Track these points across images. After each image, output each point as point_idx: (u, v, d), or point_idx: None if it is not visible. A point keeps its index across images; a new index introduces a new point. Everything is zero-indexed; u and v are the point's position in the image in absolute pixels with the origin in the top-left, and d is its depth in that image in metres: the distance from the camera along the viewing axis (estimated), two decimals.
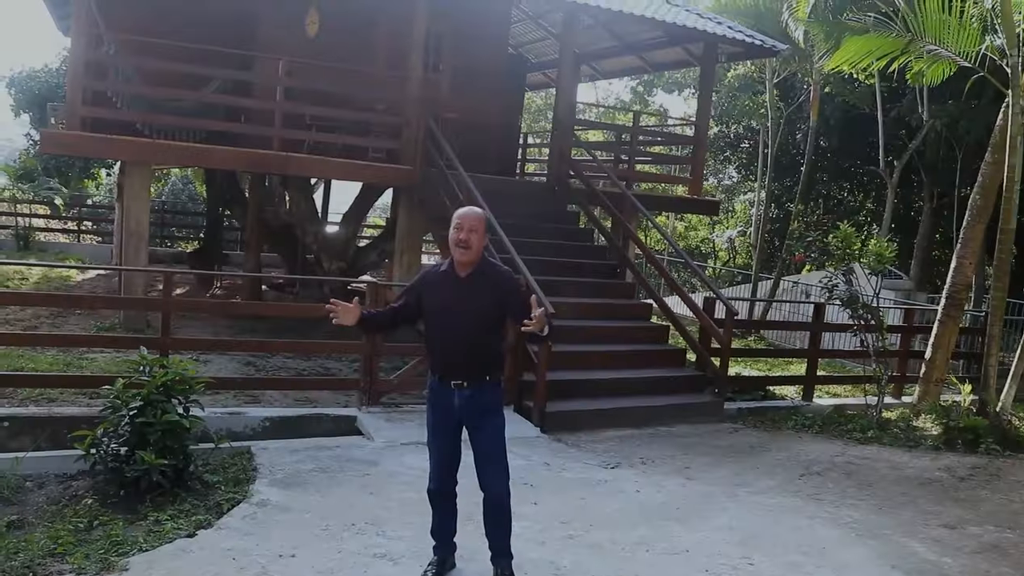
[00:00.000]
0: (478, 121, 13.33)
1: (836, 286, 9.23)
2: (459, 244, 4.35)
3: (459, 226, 4.37)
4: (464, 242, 4.34)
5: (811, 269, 18.34)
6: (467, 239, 4.34)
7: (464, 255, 4.36)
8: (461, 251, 4.35)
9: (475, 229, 4.37)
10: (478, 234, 4.39)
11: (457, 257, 4.39)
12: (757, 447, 8.10)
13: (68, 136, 9.89)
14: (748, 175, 29.22)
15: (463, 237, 4.34)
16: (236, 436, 7.20)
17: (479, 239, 4.40)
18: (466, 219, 4.39)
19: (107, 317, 11.25)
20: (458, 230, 4.37)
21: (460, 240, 4.35)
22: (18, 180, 20.43)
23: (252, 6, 12.38)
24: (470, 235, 4.35)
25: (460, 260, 4.39)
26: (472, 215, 4.43)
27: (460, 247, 4.35)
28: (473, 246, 4.36)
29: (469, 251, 4.35)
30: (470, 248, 4.35)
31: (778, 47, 13.46)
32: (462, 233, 4.35)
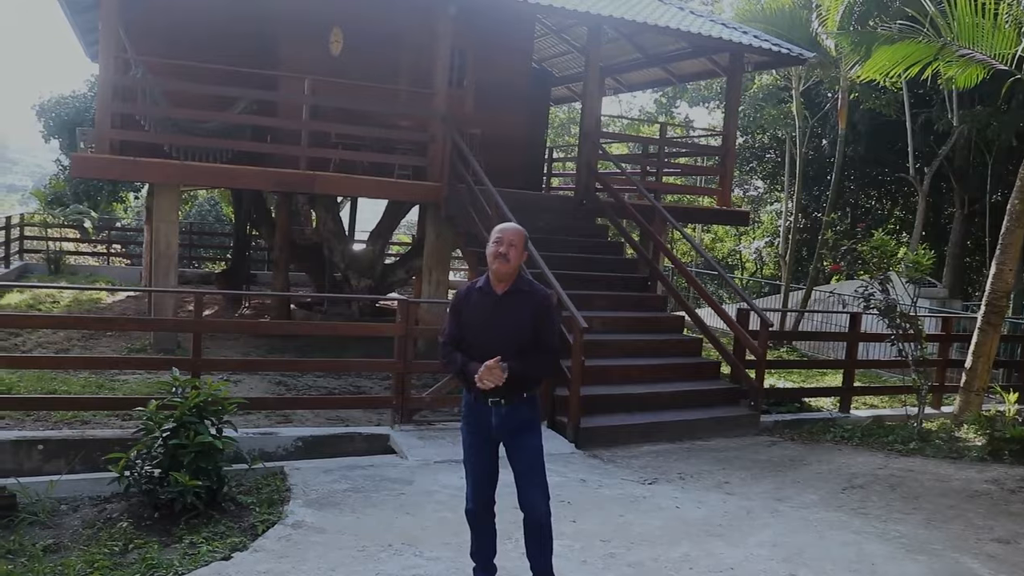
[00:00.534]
0: (503, 136, 13.32)
1: (872, 295, 9.05)
2: (497, 256, 4.31)
3: (499, 239, 4.34)
4: (503, 255, 4.30)
5: (839, 279, 18.13)
6: (506, 252, 4.30)
7: (502, 266, 4.31)
8: (499, 263, 4.31)
9: (514, 243, 4.34)
10: (517, 249, 4.35)
11: (494, 268, 4.34)
12: (796, 460, 7.93)
13: (98, 159, 9.95)
14: (774, 185, 29.02)
15: (502, 250, 4.31)
16: (269, 456, 7.19)
17: (517, 254, 4.36)
18: (506, 233, 4.37)
19: (138, 338, 11.29)
20: (497, 243, 4.34)
21: (499, 253, 4.31)
22: (48, 205, 20.65)
23: (275, 27, 12.44)
24: (509, 249, 4.31)
25: (497, 271, 4.34)
26: (512, 229, 4.40)
27: (498, 260, 4.31)
28: (511, 259, 4.32)
29: (507, 264, 4.31)
30: (509, 261, 4.31)
31: (805, 55, 13.32)
32: (501, 246, 4.32)
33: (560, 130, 31.64)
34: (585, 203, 12.12)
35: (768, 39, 13.33)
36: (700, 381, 9.59)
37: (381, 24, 12.60)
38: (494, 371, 4.18)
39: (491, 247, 4.36)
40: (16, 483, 5.84)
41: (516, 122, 13.93)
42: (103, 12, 10.06)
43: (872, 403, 11.23)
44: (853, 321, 10.23)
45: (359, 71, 11.99)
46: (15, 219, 19.92)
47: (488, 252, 4.37)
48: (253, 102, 11.49)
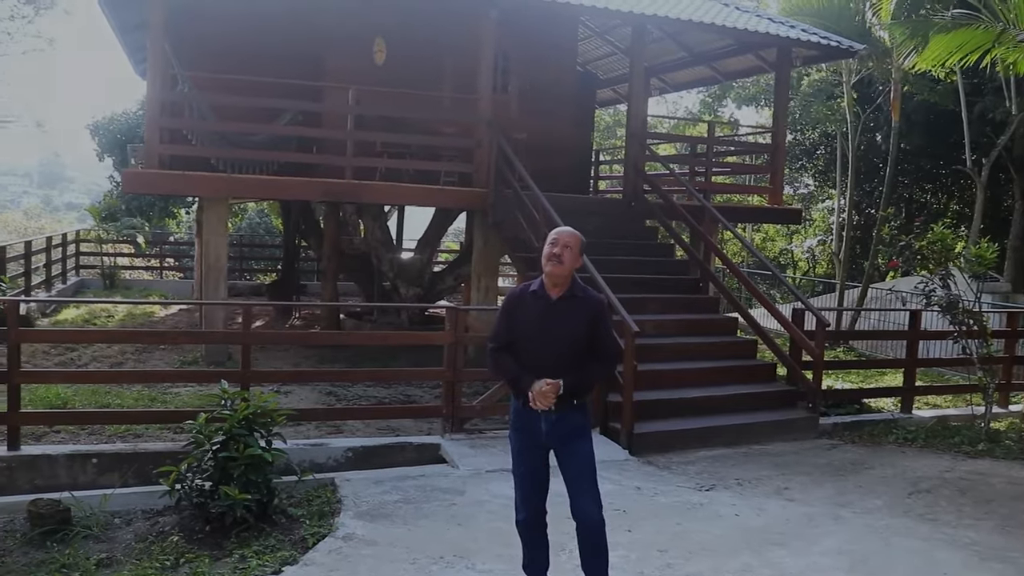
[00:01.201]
0: (549, 140, 13.21)
1: (933, 291, 8.75)
2: (551, 258, 4.24)
3: (554, 241, 4.28)
4: (556, 256, 4.22)
5: (895, 276, 17.68)
6: (560, 253, 4.23)
7: (556, 268, 4.23)
8: (553, 264, 4.23)
9: (569, 245, 4.26)
10: (572, 251, 4.27)
11: (548, 270, 4.26)
12: (858, 464, 7.67)
13: (148, 175, 10.05)
14: (825, 182, 28.48)
15: (556, 251, 4.23)
16: (319, 468, 7.15)
17: (572, 256, 4.27)
18: (561, 235, 4.31)
19: (190, 351, 11.39)
20: (552, 245, 4.27)
21: (553, 255, 4.23)
22: (103, 221, 21.02)
23: (319, 39, 12.48)
24: (564, 250, 4.24)
25: (551, 273, 4.25)
26: (568, 232, 4.34)
27: (552, 261, 4.23)
28: (565, 261, 4.23)
29: (561, 266, 4.22)
30: (562, 263, 4.22)
31: (855, 47, 12.99)
32: (556, 248, 4.24)
33: (606, 133, 31.42)
34: (633, 205, 11.95)
35: (816, 32, 13.04)
36: (755, 384, 9.35)
37: (424, 32, 12.58)
38: (548, 396, 4.12)
39: (546, 249, 4.29)
40: (71, 497, 5.88)
41: (562, 125, 13.82)
42: (150, 29, 10.16)
43: (935, 403, 10.88)
44: (913, 319, 9.90)
45: (403, 80, 11.97)
46: (71, 235, 20.29)
47: (543, 254, 4.30)
48: (299, 113, 11.55)
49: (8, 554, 5.32)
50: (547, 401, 4.11)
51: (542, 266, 4.30)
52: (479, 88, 11.32)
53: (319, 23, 12.45)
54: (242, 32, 12.14)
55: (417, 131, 11.67)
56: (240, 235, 24.62)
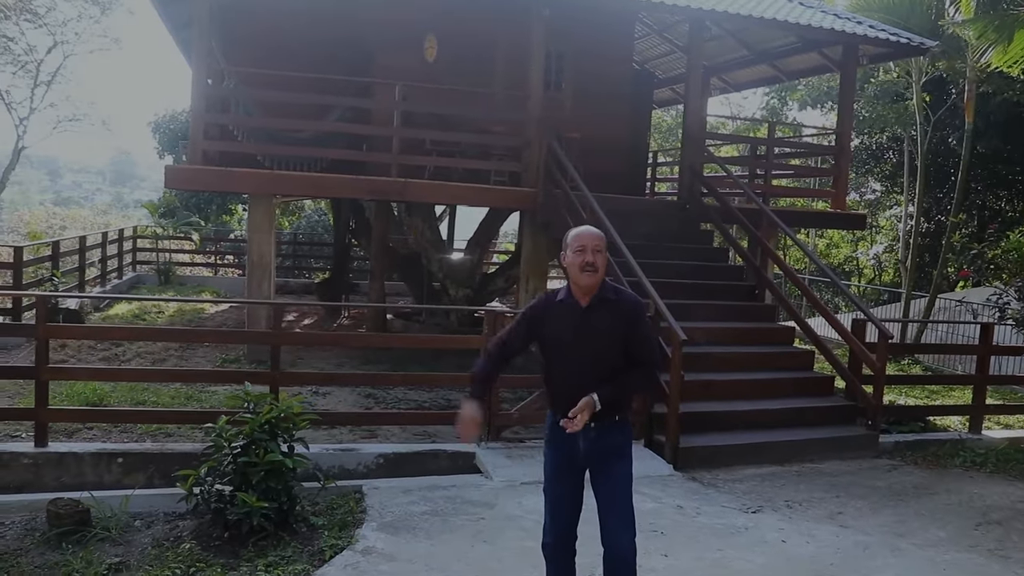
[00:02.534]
0: (604, 140, 12.85)
1: (1008, 304, 8.18)
2: (586, 268, 3.85)
3: (582, 248, 3.88)
4: (591, 264, 3.85)
5: (965, 286, 16.85)
6: (593, 260, 3.85)
7: (591, 278, 3.86)
8: (588, 275, 3.86)
9: (600, 249, 3.89)
10: (604, 255, 3.91)
11: (584, 282, 3.88)
12: (921, 488, 7.14)
13: (189, 170, 9.97)
14: (893, 187, 27.50)
15: (589, 259, 3.85)
16: (349, 474, 6.91)
17: (604, 260, 3.92)
18: (589, 239, 3.90)
19: (232, 349, 11.29)
20: (581, 252, 3.87)
21: (587, 264, 3.85)
22: (161, 217, 21.23)
23: (370, 36, 12.33)
24: (596, 256, 3.86)
25: (587, 285, 3.88)
26: (593, 234, 3.95)
27: (587, 271, 3.85)
28: (600, 268, 3.88)
29: (597, 274, 3.87)
30: (598, 271, 3.87)
31: (927, 44, 12.37)
32: (587, 255, 3.85)
33: (667, 134, 30.82)
34: (688, 208, 11.51)
35: (884, 28, 12.45)
36: (812, 397, 8.85)
37: (475, 30, 12.33)
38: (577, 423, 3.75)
39: (573, 256, 3.89)
40: (91, 497, 5.72)
41: (617, 125, 13.45)
42: (195, 23, 10.08)
43: (1007, 422, 10.22)
44: (985, 332, 9.30)
45: (454, 78, 11.74)
46: (128, 231, 20.51)
47: (569, 262, 3.92)
48: (347, 110, 11.39)
49: (24, 554, 5.17)
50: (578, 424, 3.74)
51: (571, 276, 3.93)
52: (530, 86, 11.01)
53: (369, 19, 12.30)
54: (290, 29, 12.05)
55: (467, 129, 11.41)
56: (295, 232, 24.67)
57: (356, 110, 11.56)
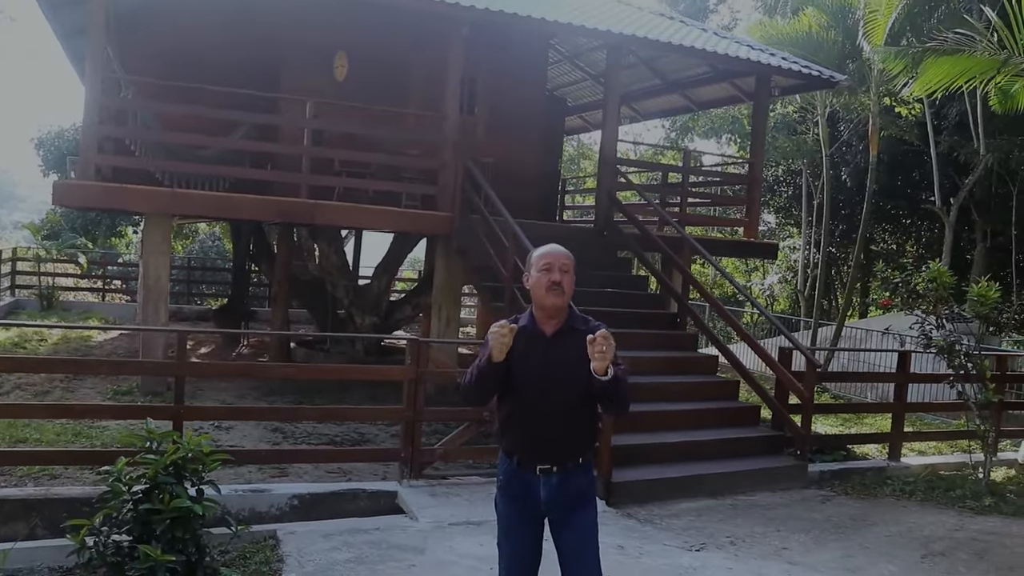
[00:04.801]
0: (516, 165, 12.60)
1: (930, 332, 8.20)
2: (552, 288, 3.44)
3: (548, 266, 3.46)
4: (557, 285, 3.43)
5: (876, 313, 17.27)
6: (560, 280, 3.44)
7: (558, 299, 3.45)
8: (554, 295, 3.44)
9: (567, 270, 3.48)
10: (571, 276, 3.50)
11: (548, 302, 3.46)
12: (859, 519, 7.01)
13: (80, 187, 9.17)
14: (787, 219, 28.29)
15: (556, 279, 3.44)
16: (260, 517, 6.33)
17: (571, 281, 3.50)
18: (556, 257, 3.49)
19: (125, 380, 10.47)
20: (547, 270, 3.45)
21: (553, 283, 3.43)
22: (44, 239, 19.91)
23: (277, 52, 11.80)
24: (563, 276, 3.45)
25: (552, 306, 3.47)
26: (560, 253, 3.53)
27: (553, 291, 3.44)
28: (568, 289, 3.47)
29: (563, 296, 3.46)
30: (565, 291, 3.46)
31: (836, 77, 12.57)
32: (553, 274, 3.44)
33: (568, 164, 30.92)
34: (606, 234, 11.32)
35: (798, 61, 12.61)
36: (739, 428, 8.69)
37: (388, 49, 11.94)
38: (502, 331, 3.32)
39: (539, 276, 3.47)
40: None
41: (530, 151, 13.22)
42: (90, 28, 9.34)
43: (919, 449, 10.31)
44: (902, 360, 9.34)
45: (365, 98, 11.25)
46: (6, 253, 19.14)
47: (533, 283, 3.49)
48: (254, 127, 10.80)
49: None
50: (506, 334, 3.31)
51: (535, 297, 3.50)
52: (446, 107, 10.64)
53: (277, 35, 11.78)
54: (195, 42, 11.42)
55: (379, 150, 10.96)
56: (190, 257, 23.57)
57: (263, 127, 10.98)
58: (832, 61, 13.91)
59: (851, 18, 14.30)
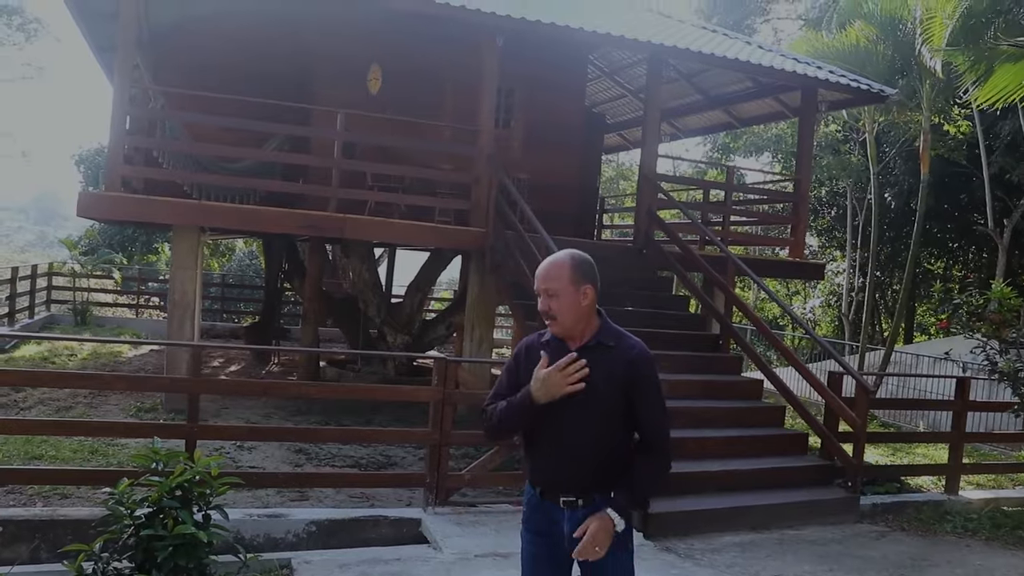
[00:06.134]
0: (553, 181, 12.25)
1: (994, 357, 7.67)
2: (543, 317, 3.07)
3: (538, 291, 3.07)
4: (545, 313, 3.04)
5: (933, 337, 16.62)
6: (546, 308, 3.02)
7: (553, 326, 3.07)
8: (549, 323, 3.07)
9: (554, 293, 3.01)
10: (561, 297, 3.00)
11: (549, 329, 3.11)
12: (919, 560, 6.48)
13: (105, 198, 8.97)
14: (831, 242, 27.63)
15: (542, 308, 3.04)
16: (275, 544, 5.99)
17: (566, 303, 3.01)
18: (540, 279, 3.06)
19: (150, 397, 10.25)
20: (538, 296, 3.07)
21: (542, 312, 3.05)
22: (81, 254, 19.93)
23: (311, 64, 11.60)
24: (549, 302, 3.02)
25: (554, 333, 3.10)
26: (544, 271, 3.06)
27: (548, 319, 3.06)
28: (558, 315, 3.03)
29: (556, 322, 3.04)
30: (555, 319, 3.03)
31: (886, 91, 12.07)
32: (541, 300, 3.05)
33: (607, 184, 30.53)
34: (645, 252, 10.90)
35: (846, 74, 12.14)
36: (785, 457, 8.18)
37: (423, 61, 11.67)
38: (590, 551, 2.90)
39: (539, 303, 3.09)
40: None
41: (567, 167, 12.86)
42: (120, 38, 9.18)
43: (977, 482, 9.71)
44: (961, 387, 8.79)
45: (399, 111, 10.99)
46: (42, 268, 19.15)
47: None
48: (285, 140, 10.59)
49: None
50: (597, 554, 2.91)
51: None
52: (481, 120, 10.33)
53: (310, 48, 11.58)
54: (228, 55, 11.24)
55: (411, 164, 10.68)
56: (227, 275, 23.46)
57: (295, 141, 10.76)
58: (881, 76, 13.40)
59: (901, 31, 13.78)
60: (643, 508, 3.04)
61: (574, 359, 2.91)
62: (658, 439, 3.09)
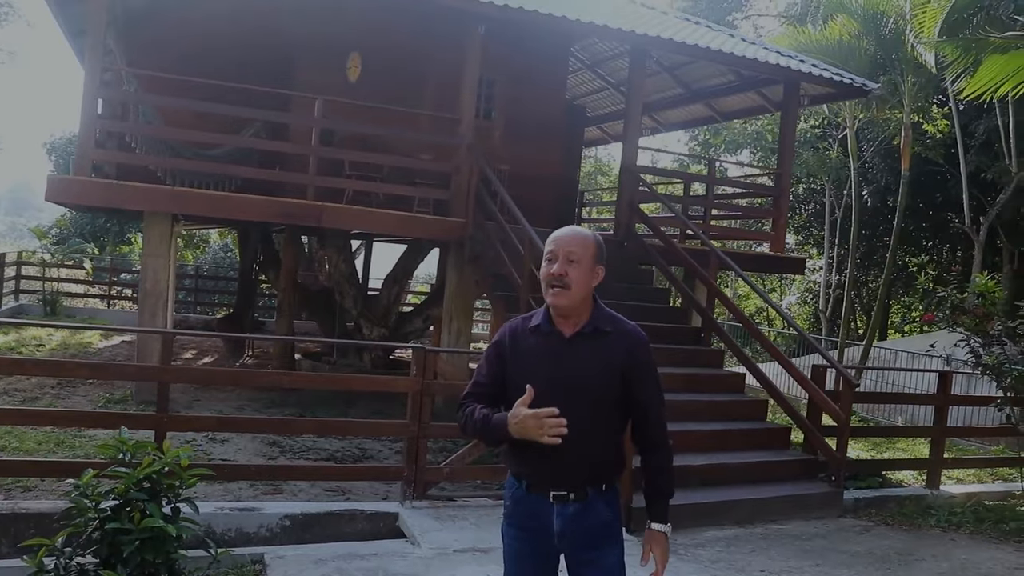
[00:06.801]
0: (534, 173, 12.10)
1: (978, 350, 7.61)
2: (551, 282, 2.80)
3: (551, 254, 2.83)
4: (558, 277, 2.78)
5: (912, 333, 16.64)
6: (563, 272, 2.78)
7: (559, 298, 2.79)
8: (556, 294, 2.80)
9: (576, 259, 2.79)
10: (582, 265, 2.80)
11: (550, 301, 2.83)
12: (905, 554, 6.40)
13: (75, 183, 8.71)
14: (808, 239, 27.70)
15: (556, 270, 2.78)
16: (248, 538, 5.80)
17: (583, 273, 2.80)
18: (561, 242, 2.82)
19: (120, 386, 10.02)
20: (549, 260, 2.83)
21: (552, 276, 2.80)
22: (52, 244, 19.55)
23: (288, 51, 11.36)
24: (567, 266, 2.78)
25: (555, 306, 2.83)
26: (571, 236, 2.85)
27: (555, 287, 2.80)
28: (573, 283, 2.78)
29: (566, 292, 2.79)
30: (568, 288, 2.79)
31: (869, 85, 12.02)
32: (555, 264, 2.80)
33: (586, 179, 30.39)
34: (626, 245, 10.78)
35: (829, 68, 12.08)
36: (768, 451, 8.09)
37: (403, 50, 11.46)
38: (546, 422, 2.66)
39: (543, 267, 2.85)
40: None
41: (548, 159, 12.72)
42: (90, 18, 8.92)
43: (957, 477, 9.67)
44: (943, 381, 8.73)
45: (378, 100, 10.76)
46: (11, 257, 18.74)
47: (540, 275, 2.88)
48: (262, 126, 10.37)
49: None
50: (555, 431, 2.65)
51: (543, 293, 2.88)
52: (462, 108, 10.16)
53: (289, 34, 11.33)
54: (203, 38, 11.02)
55: (391, 153, 10.49)
56: (201, 267, 23.12)
57: (272, 128, 10.54)
58: (863, 71, 13.35)
59: (884, 26, 13.73)
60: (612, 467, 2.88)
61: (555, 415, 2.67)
62: (660, 427, 2.98)
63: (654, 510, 2.99)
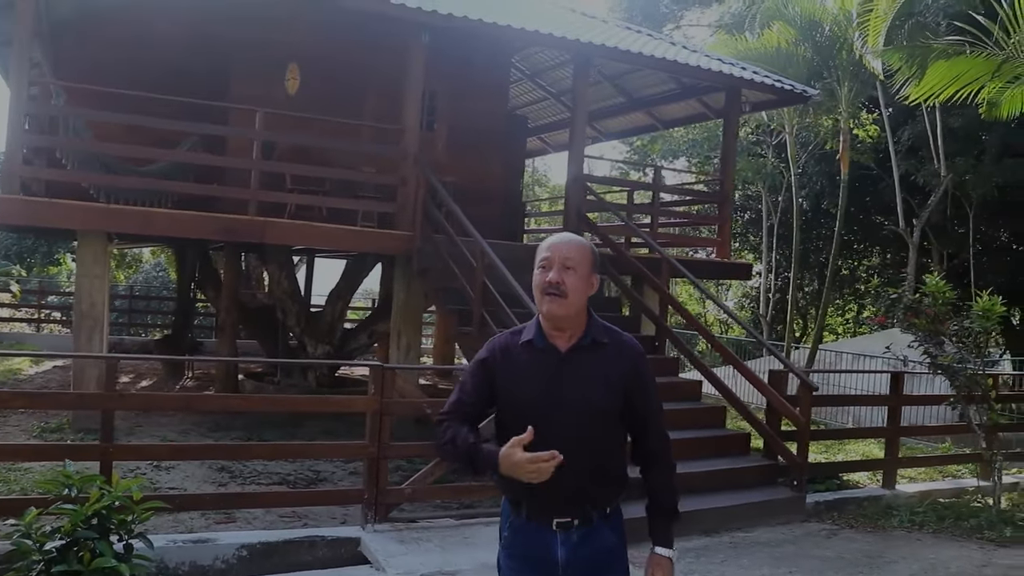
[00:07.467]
0: (479, 185, 11.95)
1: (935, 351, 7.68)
2: (547, 290, 2.62)
3: (546, 262, 2.64)
4: (555, 285, 2.61)
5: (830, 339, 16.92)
6: (559, 280, 2.61)
7: (554, 305, 2.61)
8: (551, 301, 2.62)
9: (572, 265, 2.62)
10: (583, 276, 2.64)
11: (545, 309, 2.64)
12: (875, 557, 6.38)
13: (1, 202, 8.27)
14: (743, 246, 28.09)
15: (552, 278, 2.61)
16: (203, 572, 5.53)
17: (580, 281, 2.63)
18: (558, 249, 2.64)
19: (55, 415, 9.56)
20: (543, 267, 2.64)
21: (549, 284, 2.62)
22: None
23: (225, 62, 11.03)
24: (564, 274, 2.62)
25: (550, 315, 2.65)
26: (568, 243, 2.68)
27: (549, 295, 2.62)
28: (570, 291, 2.61)
29: (562, 301, 2.60)
30: (563, 295, 2.61)
31: (809, 92, 12.18)
32: (551, 272, 2.62)
33: (524, 191, 30.33)
34: None
35: (770, 75, 12.19)
36: (729, 457, 8.04)
37: (343, 61, 11.21)
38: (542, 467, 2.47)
39: (536, 274, 2.66)
40: None
41: (492, 170, 12.61)
42: (15, 28, 8.51)
43: (909, 476, 9.77)
44: (895, 382, 8.81)
45: (319, 113, 10.49)
46: None
47: (533, 283, 2.69)
48: (199, 140, 10.03)
49: None
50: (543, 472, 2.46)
51: (536, 304, 2.69)
52: (406, 119, 9.97)
53: (225, 46, 11.00)
54: (135, 48, 10.67)
55: (333, 165, 10.25)
56: (134, 287, 22.40)
57: (209, 142, 10.20)
58: (801, 78, 13.54)
59: (820, 33, 13.97)
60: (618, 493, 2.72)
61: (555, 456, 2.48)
62: (660, 435, 2.87)
63: (658, 533, 2.84)
